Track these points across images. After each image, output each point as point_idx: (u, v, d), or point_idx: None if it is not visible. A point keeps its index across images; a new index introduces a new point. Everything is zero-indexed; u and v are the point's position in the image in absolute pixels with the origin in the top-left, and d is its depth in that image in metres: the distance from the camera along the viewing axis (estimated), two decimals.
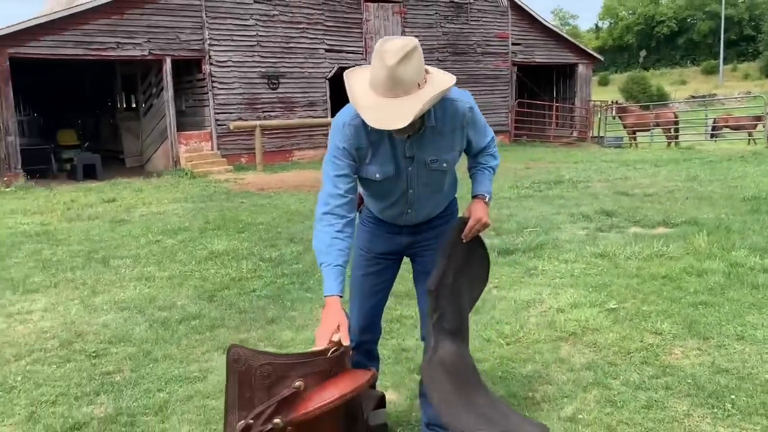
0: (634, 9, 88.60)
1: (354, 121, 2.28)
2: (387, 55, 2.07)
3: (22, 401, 3.33)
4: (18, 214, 9.42)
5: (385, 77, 2.08)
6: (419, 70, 2.12)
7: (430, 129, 2.31)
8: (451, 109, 2.33)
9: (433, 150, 2.34)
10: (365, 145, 2.32)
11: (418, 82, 2.11)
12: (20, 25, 12.97)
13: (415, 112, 2.06)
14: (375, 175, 2.36)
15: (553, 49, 22.46)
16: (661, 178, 10.80)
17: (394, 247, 2.64)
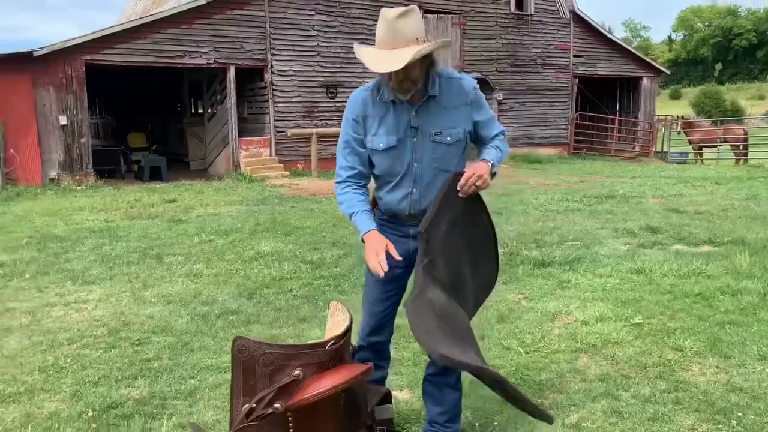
0: (711, 21, 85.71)
1: (362, 93, 2.54)
2: (388, 12, 2.32)
3: (69, 380, 3.65)
4: (85, 211, 10.04)
5: (386, 30, 2.31)
6: (418, 28, 2.32)
7: (434, 102, 2.46)
8: (456, 86, 2.49)
9: (437, 123, 2.47)
10: (371, 115, 2.51)
11: (417, 38, 2.30)
12: (96, 34, 13.80)
13: (409, 58, 2.22)
14: (379, 145, 2.50)
15: (617, 62, 22.07)
16: (718, 196, 10.52)
17: (403, 253, 2.61)
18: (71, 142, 13.84)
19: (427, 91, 2.45)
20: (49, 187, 13.04)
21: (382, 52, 2.31)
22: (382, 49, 2.32)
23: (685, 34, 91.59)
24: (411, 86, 2.38)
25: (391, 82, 2.39)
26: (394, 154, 2.50)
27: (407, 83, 2.37)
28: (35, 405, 3.35)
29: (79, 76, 13.71)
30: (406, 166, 2.51)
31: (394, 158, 2.51)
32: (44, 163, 13.60)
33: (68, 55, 13.54)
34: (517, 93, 20.00)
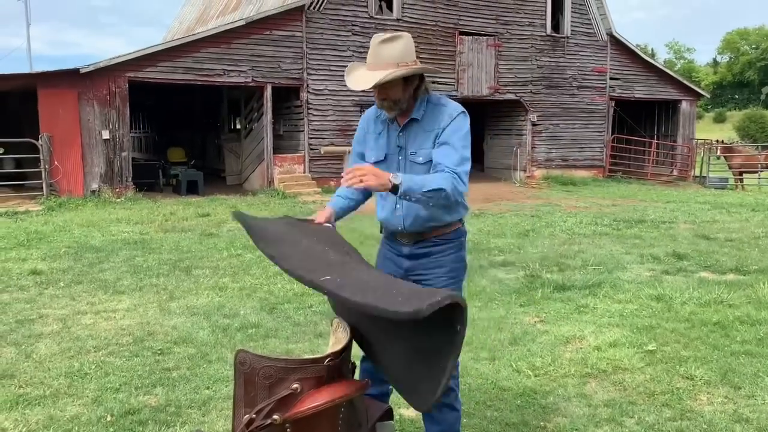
0: (758, 44, 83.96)
1: (368, 111, 2.85)
2: (377, 37, 2.55)
3: (92, 386, 3.83)
4: (122, 223, 10.38)
5: (371, 53, 2.54)
6: (402, 52, 2.51)
7: (416, 124, 2.65)
8: (438, 112, 2.64)
9: (415, 143, 2.66)
10: (371, 131, 2.80)
11: (398, 63, 2.49)
12: (139, 52, 14.31)
13: (378, 78, 2.44)
14: (371, 158, 2.75)
15: (655, 85, 21.84)
16: (752, 224, 10.33)
17: (397, 270, 2.78)
18: (113, 155, 14.33)
19: (412, 114, 2.65)
20: (90, 199, 13.50)
21: (364, 72, 2.55)
22: (367, 69, 2.55)
23: (731, 57, 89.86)
24: (392, 105, 2.59)
25: (376, 100, 2.63)
26: (382, 168, 2.60)
27: (387, 102, 2.58)
28: (58, 408, 3.53)
29: (122, 92, 14.22)
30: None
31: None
32: (86, 175, 14.09)
33: (112, 72, 14.07)
34: (552, 115, 19.95)
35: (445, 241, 2.72)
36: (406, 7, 17.26)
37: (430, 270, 2.72)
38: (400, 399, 3.60)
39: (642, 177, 21.22)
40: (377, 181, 2.38)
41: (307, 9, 15.89)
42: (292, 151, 16.63)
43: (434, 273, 2.70)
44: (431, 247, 2.72)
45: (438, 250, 2.72)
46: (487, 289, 6.03)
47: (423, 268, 2.73)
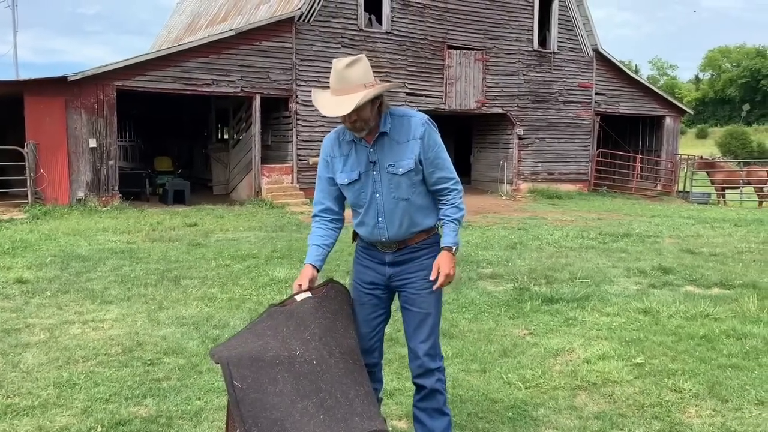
0: (739, 62, 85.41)
1: (330, 136, 2.89)
2: (338, 63, 2.62)
3: (81, 396, 3.79)
4: (109, 232, 10.31)
5: (336, 77, 2.61)
6: (365, 75, 2.61)
7: (387, 138, 2.74)
8: (407, 123, 2.75)
9: (390, 156, 2.74)
10: (337, 155, 2.84)
11: (365, 83, 2.60)
12: (128, 61, 14.28)
13: (357, 101, 2.53)
14: (344, 180, 2.80)
15: (639, 100, 22.14)
16: (735, 239, 10.47)
17: (379, 277, 2.89)
18: (99, 164, 14.24)
19: (380, 129, 2.73)
20: (76, 207, 13.40)
21: (334, 98, 2.62)
22: (334, 95, 2.63)
23: (713, 74, 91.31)
24: (363, 125, 2.67)
25: (346, 123, 2.68)
26: (358, 187, 2.80)
27: (359, 123, 2.66)
28: (47, 419, 3.49)
29: (110, 100, 14.16)
30: (369, 197, 2.79)
31: (359, 190, 2.80)
32: (72, 184, 13.99)
33: (100, 81, 14.01)
34: (538, 129, 20.13)
35: (426, 245, 2.86)
36: (395, 20, 17.40)
37: (413, 273, 2.85)
38: (395, 411, 3.62)
39: (626, 191, 21.45)
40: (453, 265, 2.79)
41: (297, 21, 15.96)
42: (280, 161, 16.62)
43: (417, 275, 2.84)
44: (413, 252, 2.85)
45: (420, 254, 2.85)
46: (476, 301, 6.06)
47: (406, 273, 2.86)
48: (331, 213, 2.91)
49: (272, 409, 2.38)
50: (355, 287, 2.98)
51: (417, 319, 2.86)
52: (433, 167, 2.78)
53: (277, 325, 2.61)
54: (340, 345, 2.63)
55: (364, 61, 2.65)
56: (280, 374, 2.45)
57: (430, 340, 2.86)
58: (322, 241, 2.88)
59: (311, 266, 2.84)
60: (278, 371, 2.46)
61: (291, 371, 2.47)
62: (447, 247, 2.80)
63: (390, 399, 3.75)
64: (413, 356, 2.89)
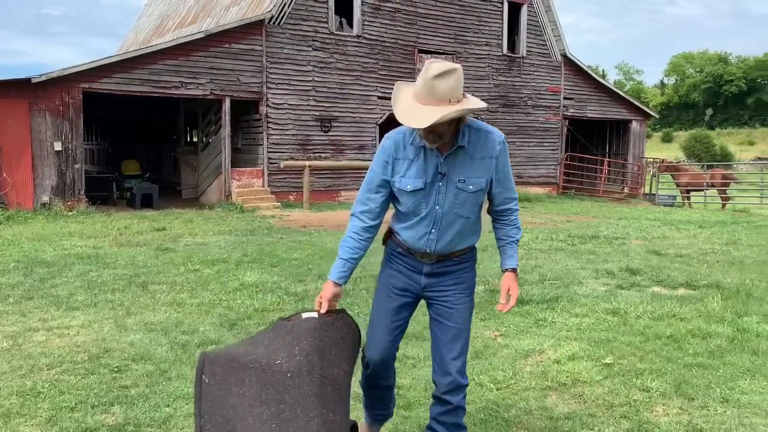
0: (702, 67, 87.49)
1: (395, 136, 2.70)
2: (431, 69, 2.44)
3: (46, 405, 3.70)
4: (75, 237, 10.11)
5: (423, 86, 2.44)
6: (455, 88, 2.43)
7: (462, 152, 2.61)
8: (484, 139, 2.64)
9: (462, 171, 2.62)
10: (401, 157, 2.67)
11: (450, 99, 2.43)
12: (94, 63, 14.03)
13: (435, 119, 2.38)
14: (407, 186, 2.65)
15: (606, 105, 22.53)
16: (700, 240, 10.70)
17: (413, 285, 2.81)
18: (65, 167, 13.97)
19: (456, 141, 2.60)
20: (41, 212, 13.11)
21: (414, 105, 2.47)
22: (417, 101, 2.47)
23: (677, 79, 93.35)
24: (437, 139, 2.55)
25: (420, 131, 2.56)
26: (420, 196, 2.66)
27: (433, 136, 2.53)
28: (10, 429, 3.40)
29: (75, 103, 13.90)
30: (429, 208, 2.67)
31: (420, 200, 2.66)
32: (37, 188, 13.69)
33: (66, 83, 13.75)
34: (508, 133, 20.30)
35: (465, 259, 2.81)
36: (366, 24, 17.42)
37: (450, 287, 2.78)
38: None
39: (594, 194, 21.78)
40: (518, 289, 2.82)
41: (268, 23, 15.88)
42: (250, 164, 16.51)
43: (454, 290, 2.78)
44: (452, 265, 2.78)
45: (458, 268, 2.79)
46: None
47: (441, 285, 2.78)
48: (371, 217, 2.75)
49: (230, 408, 2.36)
50: (382, 290, 2.87)
51: (451, 333, 2.77)
52: (501, 187, 2.72)
53: (275, 337, 2.59)
54: (325, 369, 2.54)
55: (457, 74, 2.46)
56: (248, 378, 2.42)
57: (462, 356, 2.79)
58: (351, 255, 2.74)
59: (334, 284, 2.71)
60: (248, 374, 2.43)
61: (261, 377, 2.43)
62: (513, 269, 2.79)
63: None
64: (443, 371, 2.78)
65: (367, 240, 2.76)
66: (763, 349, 4.59)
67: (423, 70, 2.46)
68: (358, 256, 2.75)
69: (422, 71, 2.46)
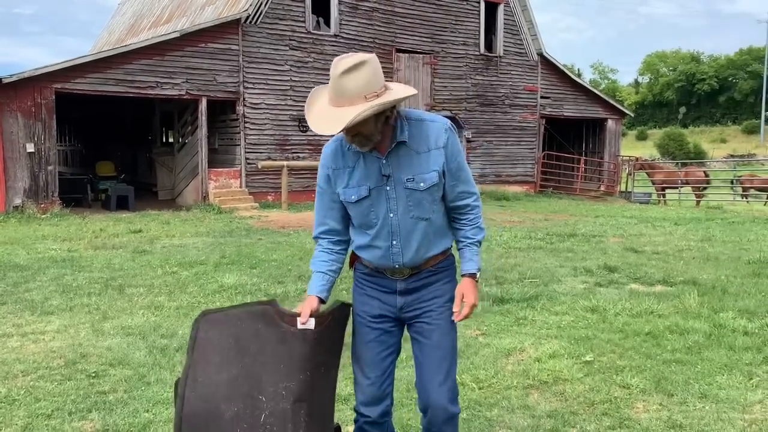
0: (675, 66, 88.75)
1: (331, 145, 2.45)
2: (338, 66, 2.18)
3: (21, 413, 3.62)
4: (49, 240, 9.93)
5: (332, 86, 2.20)
6: (368, 82, 2.17)
7: (404, 147, 2.34)
8: (426, 129, 2.36)
9: (410, 169, 2.35)
10: (341, 166, 2.41)
11: (365, 95, 2.16)
12: (67, 62, 13.81)
13: (347, 121, 2.12)
14: (351, 197, 2.39)
15: (583, 104, 22.75)
16: (676, 237, 10.84)
17: (389, 309, 2.52)
18: (38, 169, 13.72)
19: (396, 137, 2.34)
20: (13, 215, 12.88)
21: (328, 109, 2.22)
22: (330, 104, 2.22)
23: (651, 78, 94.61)
24: (366, 141, 2.29)
25: (346, 137, 2.31)
26: (367, 204, 2.40)
27: (360, 139, 2.28)
28: None
29: (48, 104, 13.66)
30: (381, 217, 2.40)
31: (368, 209, 2.41)
32: (8, 191, 13.43)
33: (38, 83, 13.51)
34: (486, 132, 20.45)
35: (441, 269, 2.52)
36: (343, 23, 17.38)
37: (429, 301, 2.49)
38: (345, 414, 3.57)
39: (571, 192, 21.99)
40: (477, 296, 2.51)
41: (244, 22, 15.76)
42: (228, 165, 16.38)
43: (433, 303, 2.48)
44: (428, 277, 2.49)
45: (434, 279, 2.50)
46: None
47: (419, 302, 2.49)
48: (335, 234, 2.51)
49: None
50: (359, 322, 2.55)
51: (435, 355, 2.46)
52: (455, 180, 2.42)
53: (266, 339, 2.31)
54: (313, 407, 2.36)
55: (369, 66, 2.18)
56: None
57: (449, 380, 2.47)
58: (327, 267, 2.48)
59: (316, 298, 2.42)
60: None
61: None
62: (471, 274, 2.47)
63: (344, 404, 3.71)
64: (429, 401, 2.46)
65: (340, 253, 2.53)
66: (739, 344, 4.65)
67: (331, 68, 2.21)
68: (336, 268, 2.51)
69: (331, 69, 2.22)
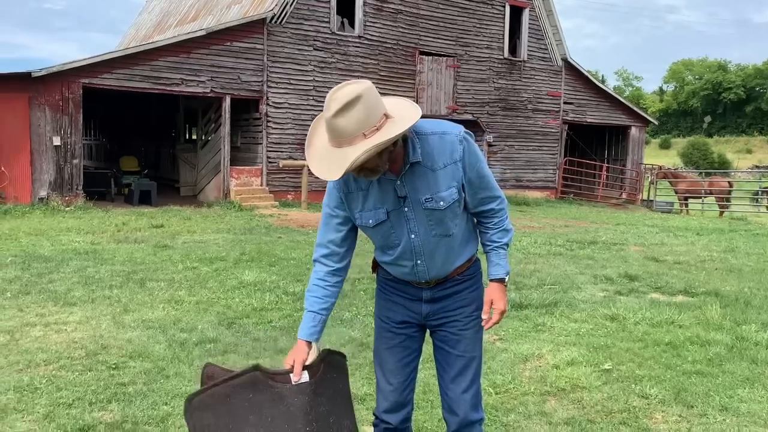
0: (701, 74, 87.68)
1: None
2: (330, 107, 2.04)
3: (43, 401, 3.68)
4: (72, 233, 10.07)
5: (327, 128, 2.07)
6: (364, 119, 2.02)
7: (419, 167, 2.21)
8: (439, 142, 2.22)
9: (427, 188, 2.23)
10: (354, 190, 2.29)
11: (364, 132, 2.03)
12: (95, 58, 14.00)
13: (345, 167, 2.02)
14: (369, 222, 2.30)
15: (606, 110, 22.56)
16: (698, 247, 10.70)
17: (414, 316, 2.48)
18: (63, 163, 13.93)
19: (408, 158, 2.21)
20: (38, 207, 13.08)
21: (327, 151, 2.10)
22: (330, 145, 2.09)
23: (676, 86, 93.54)
24: (373, 174, 2.16)
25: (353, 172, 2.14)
26: (387, 228, 2.31)
27: (366, 172, 2.14)
28: (7, 425, 3.38)
29: (75, 98, 13.87)
30: (403, 239, 2.32)
31: (388, 232, 2.32)
32: (35, 183, 13.65)
33: (66, 78, 13.71)
34: (507, 136, 20.36)
35: (467, 277, 2.46)
36: (368, 24, 17.42)
37: (455, 311, 2.44)
38: (362, 414, 3.58)
39: (592, 199, 21.81)
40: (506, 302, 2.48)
41: (269, 22, 15.86)
42: (249, 163, 16.48)
43: (460, 313, 2.44)
44: (454, 286, 2.43)
45: (461, 287, 2.45)
46: None
47: (445, 311, 2.45)
48: (336, 260, 2.39)
49: None
50: (381, 326, 2.52)
51: (459, 364, 2.44)
52: (476, 188, 2.31)
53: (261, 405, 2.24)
54: None
55: (363, 100, 2.01)
56: None
57: (472, 388, 2.45)
58: (321, 306, 2.38)
59: (305, 344, 2.33)
60: None
61: None
62: (499, 279, 2.42)
63: (361, 404, 3.72)
64: (452, 410, 2.45)
65: (336, 285, 2.40)
66: (761, 357, 4.58)
67: (324, 106, 2.06)
68: (329, 305, 2.39)
69: (324, 106, 2.07)
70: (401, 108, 2.15)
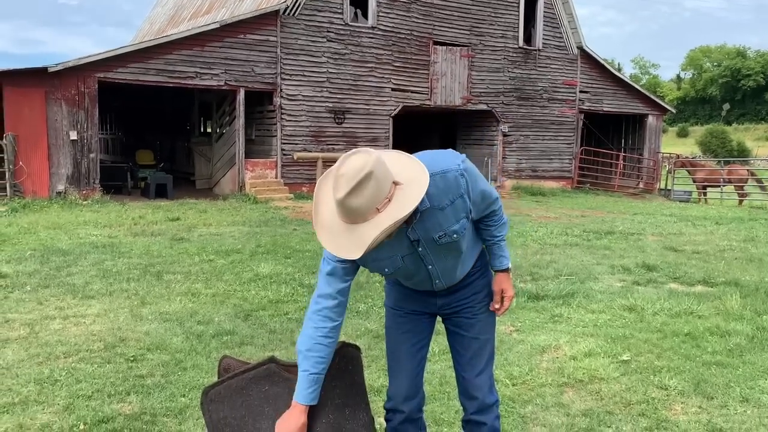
0: (720, 61, 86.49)
1: None
2: (338, 189, 1.96)
3: (63, 393, 3.72)
4: (90, 226, 10.17)
5: (338, 207, 2.00)
6: (377, 194, 1.97)
7: (427, 211, 2.20)
8: (443, 183, 2.19)
9: (438, 227, 2.23)
10: None
11: (377, 207, 1.98)
12: (110, 52, 14.08)
13: (368, 243, 1.99)
14: (385, 270, 2.33)
15: (623, 99, 22.29)
16: (717, 237, 10.58)
17: (428, 307, 2.55)
18: (80, 157, 14.05)
19: (418, 212, 2.17)
20: (56, 201, 13.21)
21: (340, 227, 2.04)
22: (342, 220, 2.03)
23: (694, 73, 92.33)
24: (389, 238, 2.12)
25: None
26: (403, 269, 2.34)
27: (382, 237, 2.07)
28: (28, 416, 3.42)
29: (91, 92, 13.96)
30: (421, 272, 2.37)
31: (405, 272, 2.37)
32: (52, 177, 13.78)
33: (82, 72, 13.80)
34: (523, 126, 20.21)
35: (478, 269, 2.55)
36: (381, 15, 17.33)
37: (467, 299, 2.52)
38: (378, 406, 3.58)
39: (609, 189, 21.60)
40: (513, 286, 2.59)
41: (282, 14, 15.84)
42: (264, 156, 16.51)
43: (473, 299, 2.53)
44: (466, 278, 2.53)
45: (473, 278, 2.54)
46: None
47: (458, 300, 2.53)
48: (341, 311, 2.30)
49: None
50: (393, 313, 2.58)
51: (474, 347, 2.52)
52: (480, 204, 2.37)
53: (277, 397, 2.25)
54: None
55: (372, 178, 1.95)
56: None
57: (487, 371, 2.54)
58: (321, 367, 2.23)
59: (305, 408, 2.21)
60: None
61: None
62: (505, 269, 2.54)
63: (377, 396, 3.72)
64: (468, 391, 2.54)
65: (335, 340, 2.28)
66: None
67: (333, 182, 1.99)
68: (328, 361, 2.26)
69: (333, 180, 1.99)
70: (406, 169, 2.08)
